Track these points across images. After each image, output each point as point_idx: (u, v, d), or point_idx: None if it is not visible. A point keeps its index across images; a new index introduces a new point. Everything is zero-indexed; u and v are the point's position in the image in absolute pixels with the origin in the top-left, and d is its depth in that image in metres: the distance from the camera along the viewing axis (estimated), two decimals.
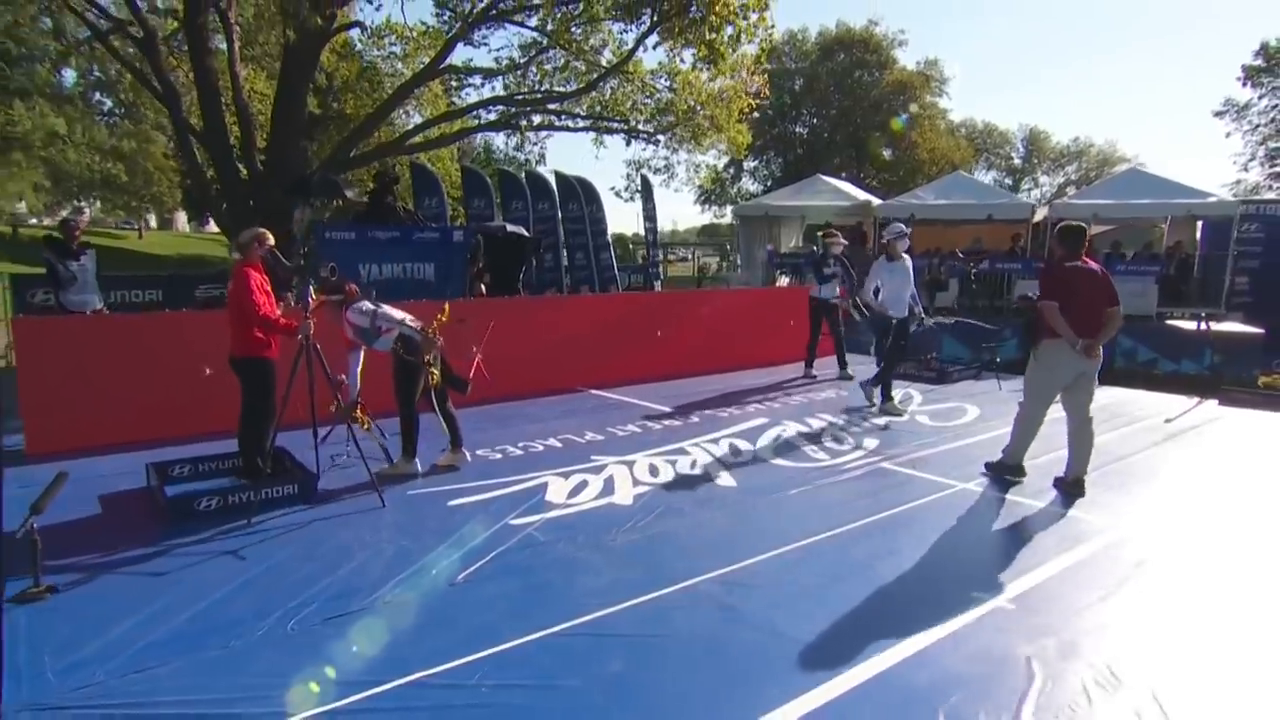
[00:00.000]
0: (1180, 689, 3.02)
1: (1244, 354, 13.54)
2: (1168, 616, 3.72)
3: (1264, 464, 6.69)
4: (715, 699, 2.96)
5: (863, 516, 5.03)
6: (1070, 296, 5.29)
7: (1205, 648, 3.40)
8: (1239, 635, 3.53)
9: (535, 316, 9.55)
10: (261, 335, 5.13)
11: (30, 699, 2.89)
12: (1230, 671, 3.21)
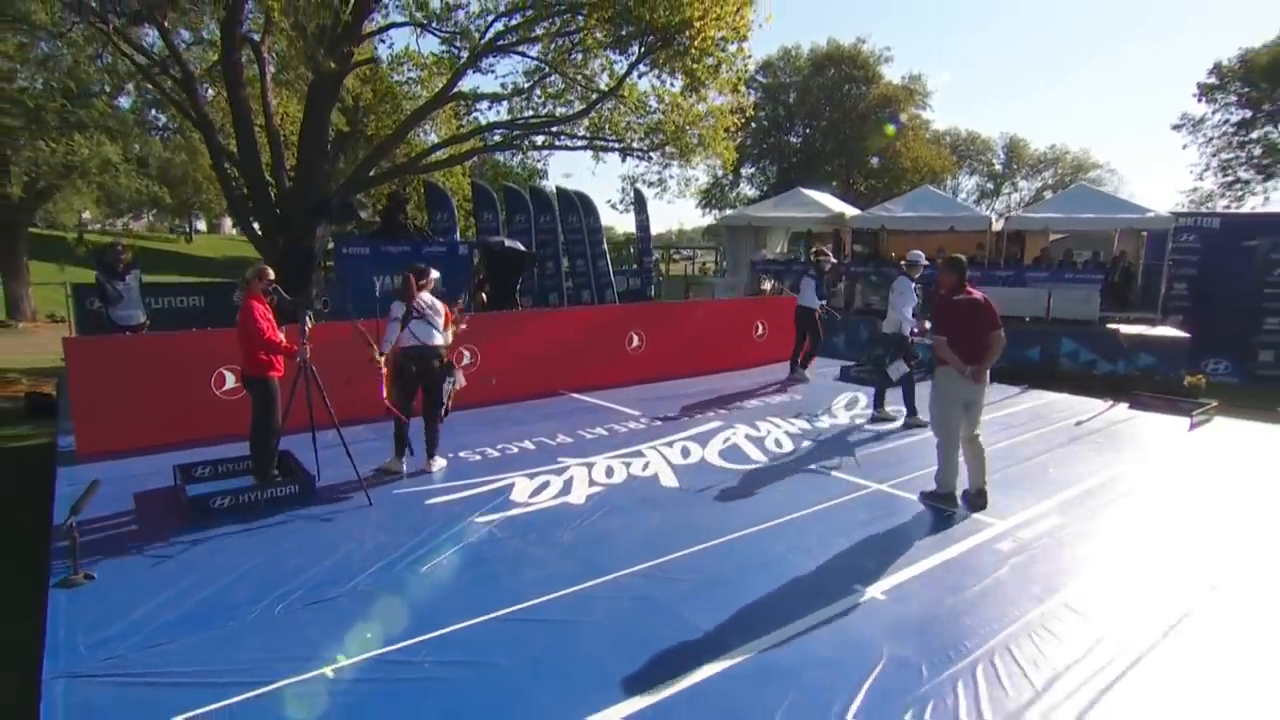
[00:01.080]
0: (1010, 668, 3.41)
1: (1174, 356, 13.83)
2: (1022, 604, 4.07)
3: (1152, 463, 6.97)
4: (616, 677, 3.34)
5: (784, 515, 5.38)
6: (958, 329, 5.52)
7: (1050, 631, 3.76)
8: (1083, 619, 3.89)
9: (525, 327, 9.88)
10: (266, 358, 5.58)
11: (66, 669, 3.35)
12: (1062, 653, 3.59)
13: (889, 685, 3.28)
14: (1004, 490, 5.87)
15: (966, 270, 5.88)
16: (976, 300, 5.62)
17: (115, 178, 17.85)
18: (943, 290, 5.77)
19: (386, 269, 12.32)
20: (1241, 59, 32.41)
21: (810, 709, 3.12)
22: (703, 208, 48.90)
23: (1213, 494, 6.13)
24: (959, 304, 5.58)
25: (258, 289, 5.66)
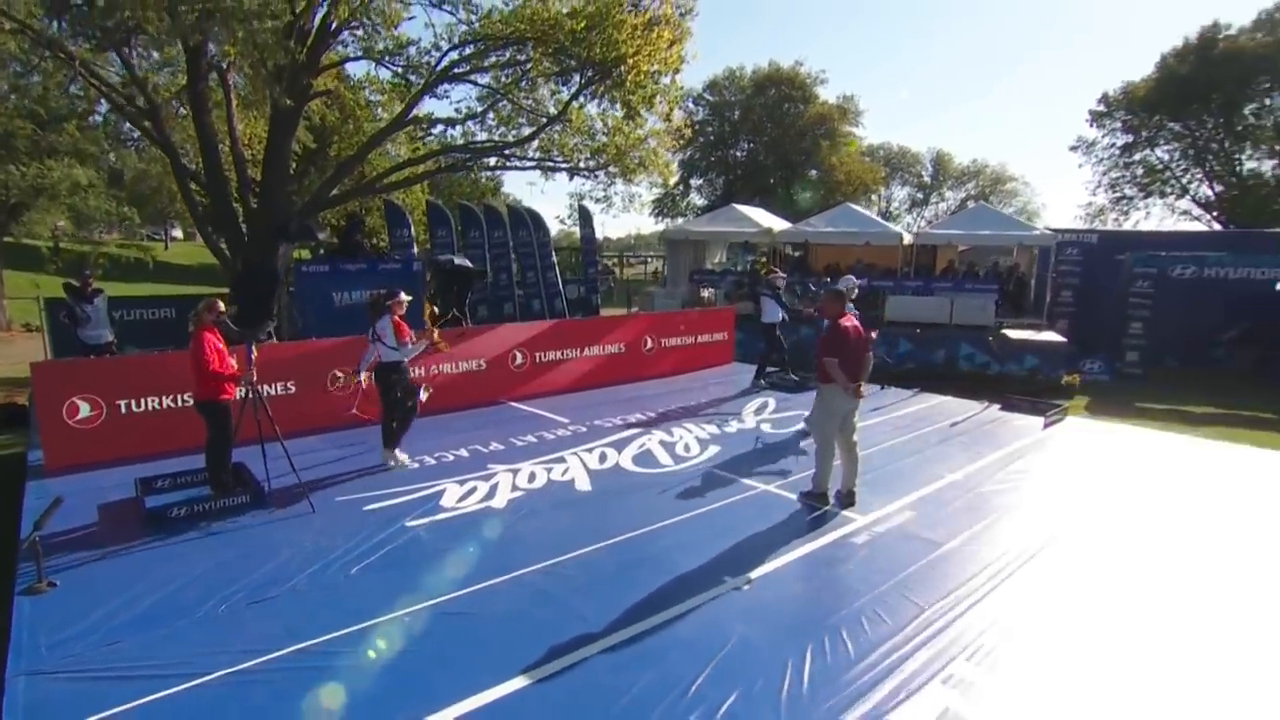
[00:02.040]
0: (838, 645, 3.88)
1: (1054, 357, 14.68)
2: (861, 591, 4.55)
3: (1004, 460, 7.46)
4: (507, 661, 3.73)
5: (678, 515, 5.79)
6: (843, 351, 5.87)
7: (879, 615, 4.24)
8: (913, 604, 4.40)
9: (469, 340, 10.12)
10: (216, 384, 5.85)
11: (28, 668, 3.65)
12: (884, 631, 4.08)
13: (733, 661, 3.73)
14: (872, 489, 6.36)
15: (846, 299, 6.34)
16: (856, 327, 6.06)
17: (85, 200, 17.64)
18: (829, 318, 6.11)
19: (345, 286, 12.54)
20: (1124, 90, 34.20)
21: (666, 683, 3.55)
22: (656, 216, 49.53)
23: (1047, 486, 6.70)
24: (844, 330, 5.96)
25: (208, 320, 5.93)
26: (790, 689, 3.49)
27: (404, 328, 6.90)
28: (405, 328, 6.91)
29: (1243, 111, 31.52)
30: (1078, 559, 5.09)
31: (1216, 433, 11.31)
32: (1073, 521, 5.79)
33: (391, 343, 6.73)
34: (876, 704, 3.37)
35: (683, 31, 15.48)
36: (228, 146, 13.79)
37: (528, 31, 13.95)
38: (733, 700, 3.38)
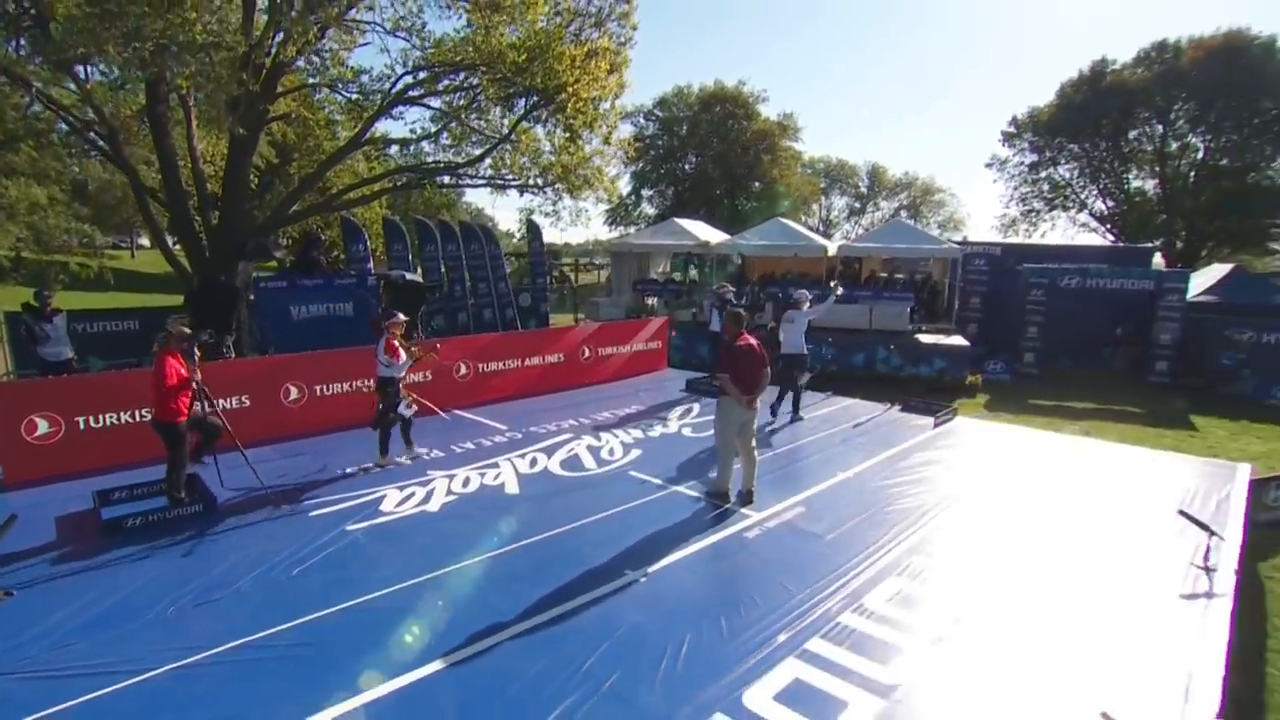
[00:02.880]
0: (715, 629, 4.29)
1: (960, 359, 15.43)
2: (744, 580, 4.99)
3: (892, 457, 7.96)
4: (426, 650, 4.05)
5: (593, 514, 6.13)
6: (740, 369, 6.24)
7: (755, 600, 4.67)
8: (787, 591, 4.83)
9: None
10: (173, 406, 6.03)
11: None
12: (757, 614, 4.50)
13: (621, 645, 4.12)
14: (771, 487, 6.79)
15: (744, 321, 6.74)
16: (753, 345, 6.37)
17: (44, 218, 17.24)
18: (728, 338, 6.47)
19: (302, 301, 12.57)
20: (1030, 114, 35.90)
21: (561, 665, 3.91)
22: (610, 225, 49.83)
23: (926, 481, 7.18)
24: (741, 349, 6.31)
25: (175, 347, 6.12)
26: (666, 666, 3.88)
27: (394, 346, 7.31)
28: (395, 346, 7.32)
29: (1128, 136, 33.28)
30: (939, 547, 5.58)
31: (1091, 426, 12.16)
32: (942, 513, 6.29)
33: (384, 360, 7.25)
34: (738, 676, 3.79)
35: (621, 59, 15.87)
36: (189, 164, 13.73)
37: (476, 59, 14.14)
38: (615, 678, 3.76)
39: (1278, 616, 5.94)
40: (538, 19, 13.03)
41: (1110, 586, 4.92)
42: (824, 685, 3.70)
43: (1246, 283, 17.31)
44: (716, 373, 6.39)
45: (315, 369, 8.90)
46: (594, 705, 3.54)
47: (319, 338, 11.49)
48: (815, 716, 3.44)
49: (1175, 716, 3.46)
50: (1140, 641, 4.19)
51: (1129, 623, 4.42)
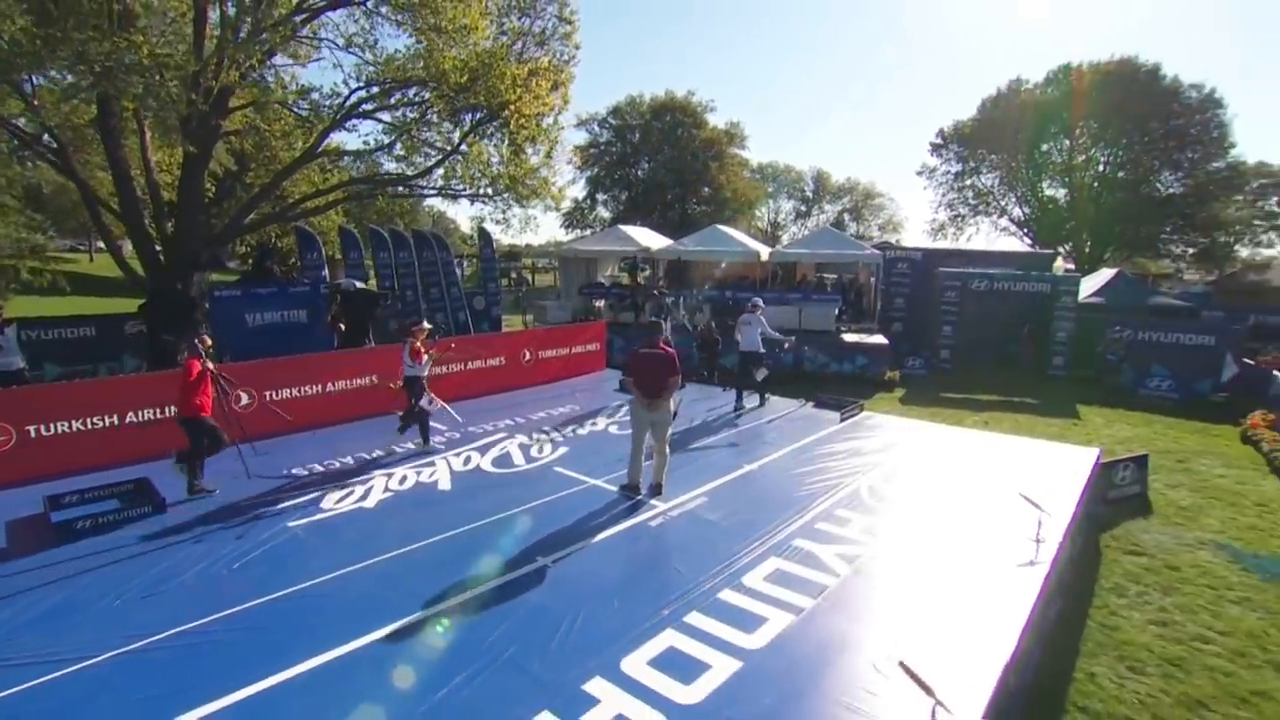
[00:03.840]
0: (607, 610, 4.70)
1: (880, 357, 16.17)
2: (640, 565, 5.43)
3: (796, 450, 8.44)
4: (350, 631, 4.37)
5: (515, 508, 6.46)
6: (641, 374, 6.67)
7: (646, 584, 5.11)
8: (680, 575, 5.27)
9: (367, 357, 10.50)
10: (197, 403, 6.66)
11: None
12: (648, 595, 4.92)
13: (523, 622, 4.50)
14: (681, 480, 7.19)
15: (659, 331, 7.16)
16: (661, 354, 6.74)
17: None
18: (639, 347, 6.86)
19: (257, 309, 12.62)
20: (955, 127, 37.31)
21: (467, 641, 4.28)
22: (566, 228, 50.04)
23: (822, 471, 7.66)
24: (643, 355, 6.73)
25: (196, 352, 6.78)
26: (559, 639, 4.29)
27: (417, 349, 8.19)
28: (418, 349, 8.20)
29: (1040, 149, 34.87)
30: (821, 530, 6.06)
31: (990, 417, 12.97)
32: (830, 499, 6.79)
33: (408, 361, 8.14)
34: (620, 646, 4.20)
35: (565, 77, 16.16)
36: (144, 174, 13.57)
37: (425, 76, 14.28)
38: (512, 650, 4.16)
39: (1105, 579, 6.67)
40: (480, 41, 13.23)
41: (959, 560, 5.48)
42: (693, 651, 4.15)
43: (1126, 286, 18.50)
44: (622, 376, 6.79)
45: (265, 375, 9.04)
46: (490, 673, 3.93)
47: (274, 344, 11.57)
48: (680, 676, 3.89)
49: (970, 665, 3.99)
50: (968, 605, 4.75)
51: (965, 589, 4.98)
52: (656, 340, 6.91)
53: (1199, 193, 31.74)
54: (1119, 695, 4.99)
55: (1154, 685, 5.11)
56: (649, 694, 3.74)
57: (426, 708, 3.65)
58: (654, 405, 6.71)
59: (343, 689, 3.81)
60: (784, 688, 3.80)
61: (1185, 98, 30.97)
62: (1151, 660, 5.42)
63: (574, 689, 3.78)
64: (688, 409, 10.17)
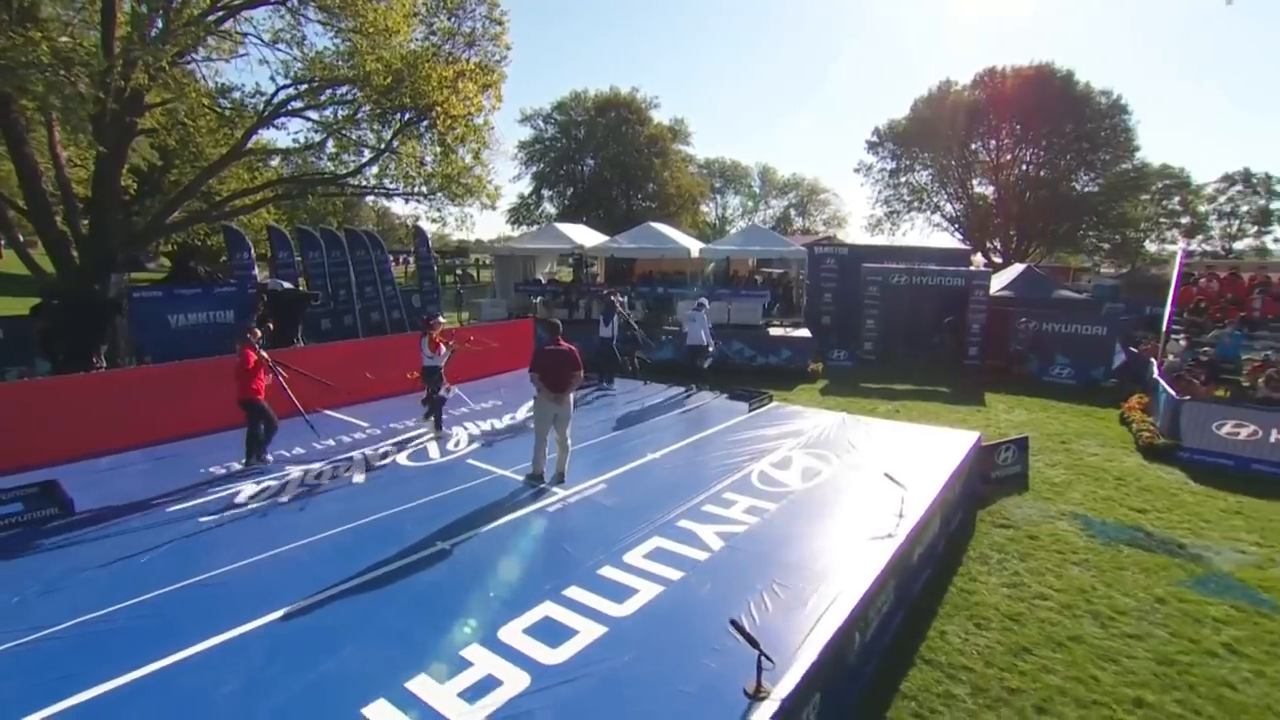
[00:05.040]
0: (498, 587, 5.11)
1: (803, 349, 16.93)
2: (531, 546, 5.84)
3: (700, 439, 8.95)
4: (254, 612, 4.67)
5: (426, 497, 6.81)
6: (545, 369, 7.07)
7: (532, 564, 5.53)
8: (566, 553, 5.70)
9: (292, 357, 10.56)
10: (254, 386, 7.53)
11: None
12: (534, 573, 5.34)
13: (418, 600, 4.89)
14: (586, 467, 7.62)
15: (559, 329, 7.56)
16: (563, 350, 7.16)
17: None
18: (544, 344, 7.25)
19: (181, 309, 12.57)
20: (890, 126, 38.71)
21: (365, 619, 4.65)
22: (513, 224, 49.92)
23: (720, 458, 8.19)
24: (548, 352, 7.15)
25: (250, 342, 7.63)
26: (447, 614, 4.69)
27: (436, 342, 8.93)
28: (437, 342, 8.95)
29: (970, 148, 36.48)
30: (708, 512, 6.55)
31: (902, 405, 13.79)
32: (721, 484, 7.30)
33: (427, 353, 8.85)
34: (500, 618, 4.62)
35: (496, 77, 16.39)
36: (53, 173, 13.26)
37: (352, 76, 14.34)
38: (400, 625, 4.55)
39: (973, 549, 7.39)
40: (404, 43, 13.37)
41: (825, 534, 6.06)
42: (565, 620, 4.60)
43: (1033, 280, 19.73)
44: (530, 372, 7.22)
45: (183, 377, 9.12)
46: (377, 644, 4.32)
47: (200, 345, 11.59)
48: (549, 642, 4.34)
49: (806, 623, 4.54)
50: (820, 572, 5.32)
51: (822, 559, 5.55)
52: (559, 338, 7.33)
53: (1110, 192, 33.85)
54: (961, 649, 5.65)
55: (993, 639, 5.79)
56: (519, 657, 4.18)
57: (314, 676, 4.01)
58: (559, 399, 7.12)
59: (235, 664, 4.14)
60: (642, 648, 4.29)
61: (1096, 103, 33.01)
62: (996, 617, 6.12)
63: (452, 655, 4.20)
64: (610, 402, 10.65)
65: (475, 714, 3.67)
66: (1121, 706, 4.97)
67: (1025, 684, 5.19)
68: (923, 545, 6.67)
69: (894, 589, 5.78)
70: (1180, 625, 6.00)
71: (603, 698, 3.81)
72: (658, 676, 3.99)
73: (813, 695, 4.14)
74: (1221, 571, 6.96)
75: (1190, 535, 7.88)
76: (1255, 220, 34.31)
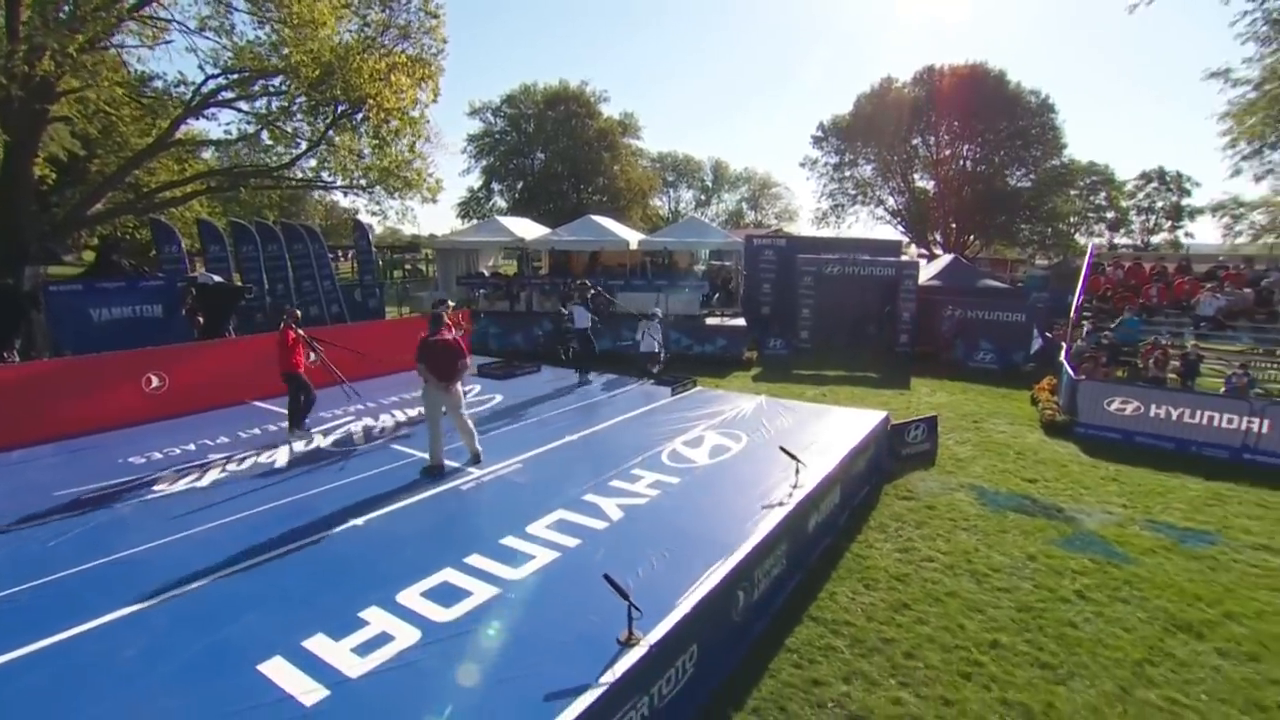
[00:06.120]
0: (411, 559, 5.39)
1: (738, 338, 17.47)
2: (440, 520, 6.14)
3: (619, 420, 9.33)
4: (160, 588, 4.89)
5: (348, 479, 7.06)
6: (433, 360, 7.23)
7: (445, 536, 5.83)
8: (469, 524, 6.01)
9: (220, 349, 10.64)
10: (294, 361, 8.31)
11: None
12: (447, 546, 5.64)
13: (330, 570, 5.16)
14: (505, 449, 7.96)
15: (442, 320, 7.68)
16: (449, 340, 7.38)
17: None
18: (423, 335, 7.42)
19: (103, 304, 12.38)
20: (834, 121, 39.73)
21: (276, 589, 4.89)
22: (463, 218, 49.58)
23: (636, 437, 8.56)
24: (434, 343, 7.30)
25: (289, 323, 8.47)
26: (353, 582, 4.97)
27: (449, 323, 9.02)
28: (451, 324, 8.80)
29: (911, 143, 37.72)
30: (611, 486, 6.93)
31: (829, 390, 14.40)
32: (627, 463, 7.67)
33: None
34: (401, 583, 4.92)
35: (433, 70, 16.46)
36: None
37: (281, 67, 14.28)
38: (304, 592, 4.82)
39: (874, 519, 7.92)
40: (330, 35, 13.38)
41: (722, 503, 6.50)
42: (462, 584, 4.93)
43: (960, 270, 20.69)
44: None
45: (100, 370, 9.11)
46: (280, 610, 4.58)
47: (125, 340, 11.43)
48: (443, 603, 4.66)
49: (686, 580, 4.96)
50: (709, 536, 5.74)
51: (713, 525, 5.98)
52: (442, 330, 7.53)
53: (1041, 187, 35.52)
54: (848, 607, 6.14)
55: (878, 597, 6.31)
56: (413, 616, 4.50)
57: (215, 640, 4.26)
58: (449, 389, 7.32)
59: (138, 633, 4.36)
60: (529, 606, 4.65)
61: (1026, 102, 34.59)
62: (884, 579, 6.64)
63: (350, 616, 4.49)
64: (539, 390, 10.96)
65: (365, 665, 3.98)
66: (979, 648, 5.52)
67: (899, 634, 5.70)
68: (820, 515, 7.18)
69: (786, 554, 6.25)
70: (1044, 578, 6.63)
71: (485, 648, 4.16)
72: (539, 630, 4.36)
73: (689, 646, 4.56)
74: (1088, 530, 7.66)
75: (1070, 501, 8.59)
76: (1169, 215, 36.47)
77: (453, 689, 3.78)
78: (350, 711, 3.61)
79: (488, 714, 3.58)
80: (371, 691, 3.77)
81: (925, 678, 5.15)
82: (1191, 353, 13.00)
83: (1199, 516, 8.13)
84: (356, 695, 3.74)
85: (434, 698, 3.70)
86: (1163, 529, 7.76)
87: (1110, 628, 5.78)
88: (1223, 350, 14.33)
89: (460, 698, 3.70)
